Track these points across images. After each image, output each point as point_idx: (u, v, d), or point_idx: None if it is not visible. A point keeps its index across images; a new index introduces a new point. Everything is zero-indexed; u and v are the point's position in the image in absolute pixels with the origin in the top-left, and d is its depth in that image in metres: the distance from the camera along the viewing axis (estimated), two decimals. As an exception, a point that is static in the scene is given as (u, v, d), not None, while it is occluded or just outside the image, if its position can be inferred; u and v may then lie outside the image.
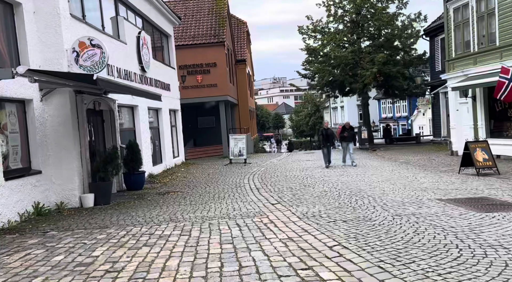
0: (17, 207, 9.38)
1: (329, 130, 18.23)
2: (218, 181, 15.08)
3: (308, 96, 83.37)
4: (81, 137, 11.22)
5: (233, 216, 8.88)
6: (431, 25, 27.56)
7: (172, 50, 22.86)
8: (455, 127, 18.99)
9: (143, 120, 16.75)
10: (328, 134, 17.87)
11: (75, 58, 10.91)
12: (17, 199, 9.43)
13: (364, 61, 27.62)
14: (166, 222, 8.72)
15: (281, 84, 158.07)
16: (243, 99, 32.87)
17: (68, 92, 10.94)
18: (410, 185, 11.38)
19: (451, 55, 19.06)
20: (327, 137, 17.69)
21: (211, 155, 28.00)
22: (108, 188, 11.44)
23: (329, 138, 17.76)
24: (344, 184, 12.23)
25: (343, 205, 9.12)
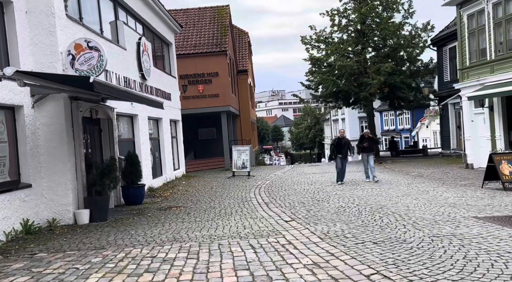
0: (3, 225, 8.42)
1: (344, 139, 15.52)
2: (222, 195, 14.14)
3: (307, 108, 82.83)
4: (76, 147, 10.30)
5: (245, 235, 7.93)
6: (438, 35, 26.88)
7: (173, 58, 22.07)
8: (470, 139, 18.12)
9: (143, 130, 15.85)
10: (342, 144, 15.24)
11: (70, 61, 10.05)
12: (3, 215, 8.47)
13: (370, 70, 26.86)
14: (169, 242, 7.77)
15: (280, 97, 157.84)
16: (244, 111, 32.05)
17: (63, 99, 10.05)
18: (434, 200, 10.45)
19: (465, 64, 18.28)
20: (340, 147, 15.21)
21: (212, 167, 27.06)
22: (105, 202, 10.48)
23: (343, 149, 15.17)
24: (361, 199, 11.30)
25: (368, 223, 8.18)
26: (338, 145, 15.32)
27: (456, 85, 18.97)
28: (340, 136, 15.74)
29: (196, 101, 25.51)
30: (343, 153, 15.17)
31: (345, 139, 15.53)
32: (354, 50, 29.35)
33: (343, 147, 15.19)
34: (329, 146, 16.22)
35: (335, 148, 15.38)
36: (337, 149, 15.27)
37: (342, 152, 15.15)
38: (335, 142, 15.65)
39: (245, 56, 33.56)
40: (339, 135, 15.89)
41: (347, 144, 15.38)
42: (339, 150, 15.20)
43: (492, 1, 16.27)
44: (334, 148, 15.47)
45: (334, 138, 16.30)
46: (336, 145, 15.39)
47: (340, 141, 15.43)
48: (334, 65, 28.63)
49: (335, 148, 15.39)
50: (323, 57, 28.99)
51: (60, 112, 10.04)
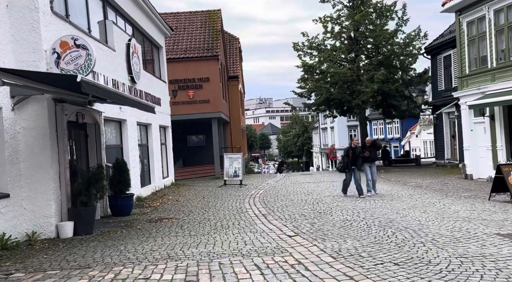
0: (-25, 240, 7.55)
1: (358, 148, 13.92)
2: (216, 205, 13.36)
3: (296, 117, 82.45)
4: (60, 154, 9.46)
5: (247, 252, 7.18)
6: (432, 43, 26.60)
7: (163, 62, 21.31)
8: (470, 149, 17.64)
9: (131, 136, 15.02)
10: (357, 154, 13.74)
11: (55, 60, 9.24)
12: (-23, 229, 7.61)
13: (364, 78, 26.39)
14: (163, 259, 6.98)
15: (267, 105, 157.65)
16: (235, 117, 31.33)
17: (46, 101, 9.23)
18: (444, 214, 9.82)
19: (464, 72, 17.85)
20: (355, 158, 13.71)
21: (202, 175, 26.23)
22: (91, 214, 9.65)
23: (358, 160, 13.74)
24: (366, 212, 10.62)
25: (381, 239, 7.50)
26: (353, 155, 13.76)
27: (455, 93, 18.53)
28: (353, 146, 14.01)
29: (186, 107, 24.71)
30: (357, 164, 13.74)
31: (358, 149, 13.91)
32: (347, 58, 28.90)
33: (358, 157, 13.73)
34: (342, 157, 14.16)
35: (350, 159, 13.74)
36: (351, 160, 13.73)
37: (357, 163, 13.73)
38: (349, 152, 13.89)
39: (236, 62, 32.92)
40: (352, 145, 14.11)
41: (360, 153, 13.86)
42: (354, 161, 13.73)
43: (493, 8, 15.89)
44: (348, 159, 13.78)
45: (346, 148, 14.36)
46: (352, 156, 13.75)
47: (354, 151, 13.82)
48: (327, 72, 28.10)
49: (349, 159, 13.76)
50: (316, 64, 28.45)
51: (43, 116, 9.21)
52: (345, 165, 13.92)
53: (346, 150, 14.20)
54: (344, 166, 14.00)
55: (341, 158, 14.21)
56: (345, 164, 13.87)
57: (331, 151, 45.73)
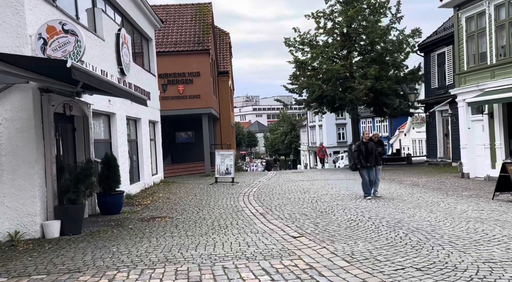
0: (-48, 241, 6.87)
1: (370, 143, 12.52)
2: (209, 203, 12.79)
3: (283, 114, 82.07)
4: (46, 148, 8.79)
5: (251, 255, 6.64)
6: (426, 41, 26.32)
7: (153, 55, 20.61)
8: (467, 147, 17.33)
9: (120, 131, 14.35)
10: (369, 149, 12.42)
11: (41, 46, 8.57)
12: (-47, 229, 6.92)
13: (357, 75, 26.00)
14: (161, 263, 6.41)
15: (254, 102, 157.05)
16: (225, 114, 30.69)
17: (31, 90, 8.55)
18: (453, 214, 9.40)
19: (462, 68, 17.52)
20: (368, 153, 12.42)
21: (191, 172, 25.58)
22: (80, 212, 9.00)
23: (370, 156, 12.39)
24: (370, 211, 10.15)
25: (395, 241, 7.01)
26: (366, 151, 12.40)
27: (453, 90, 18.20)
28: (365, 140, 12.62)
29: (175, 103, 23.99)
30: (371, 161, 12.40)
31: (371, 144, 12.51)
32: (339, 54, 28.50)
33: (371, 153, 12.39)
34: (353, 153, 12.58)
35: (362, 155, 12.42)
36: (365, 156, 12.42)
37: (370, 160, 12.39)
38: (361, 147, 12.50)
39: (226, 58, 32.29)
40: (364, 139, 12.71)
41: (373, 149, 12.48)
42: (367, 157, 12.39)
43: (494, 3, 15.56)
44: (360, 155, 12.43)
45: (358, 143, 12.87)
46: (365, 152, 12.40)
47: (366, 146, 12.45)
48: (320, 69, 27.66)
49: (362, 156, 12.42)
50: (308, 60, 27.98)
51: (28, 106, 8.53)
52: (358, 161, 12.47)
53: (358, 145, 12.78)
54: (356, 162, 12.52)
55: (353, 154, 12.62)
56: (358, 160, 12.46)
57: (320, 149, 45.35)
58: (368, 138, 12.68)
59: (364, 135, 13.03)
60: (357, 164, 12.53)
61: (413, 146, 42.78)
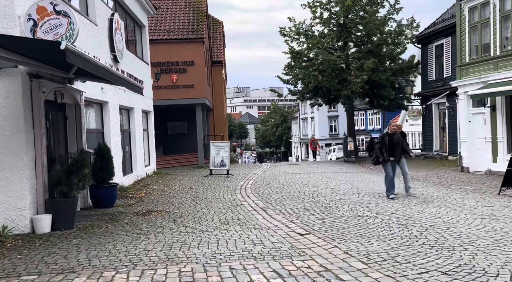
0: None
1: (396, 135, 11.27)
2: (206, 196, 12.32)
3: (275, 106, 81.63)
4: (36, 137, 8.24)
5: (259, 254, 6.21)
6: (423, 32, 25.94)
7: (146, 43, 19.95)
8: (467, 140, 17.04)
9: (113, 120, 13.78)
10: (395, 142, 11.18)
11: (31, 28, 7.99)
12: None
13: (353, 67, 25.57)
14: (162, 262, 5.95)
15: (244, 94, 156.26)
16: (218, 105, 30.12)
17: (20, 75, 7.97)
18: (463, 210, 9.05)
19: (464, 60, 17.18)
20: (393, 146, 11.15)
21: (184, 164, 25.05)
22: (72, 206, 8.48)
23: (396, 149, 11.16)
24: (375, 207, 9.77)
25: (411, 241, 6.61)
26: (390, 143, 11.16)
27: (453, 82, 17.86)
28: (390, 132, 11.30)
29: (168, 92, 23.38)
30: (396, 155, 11.18)
31: (397, 136, 11.29)
32: (335, 45, 28.03)
33: (396, 145, 11.16)
34: (375, 145, 11.47)
35: (386, 147, 11.15)
36: (389, 149, 11.14)
37: (395, 153, 11.17)
38: (385, 139, 11.24)
39: (219, 47, 31.65)
40: (389, 131, 11.38)
41: (399, 142, 11.25)
42: (392, 150, 11.15)
43: (499, -7, 15.20)
44: (383, 147, 11.16)
45: (381, 135, 11.67)
46: (389, 144, 11.14)
47: (391, 138, 11.20)
48: (316, 59, 27.19)
49: (385, 148, 11.14)
50: (304, 50, 27.48)
51: (17, 92, 7.96)
52: (380, 154, 11.18)
53: (381, 137, 11.49)
54: (378, 155, 11.24)
55: (375, 147, 11.43)
56: (381, 153, 11.16)
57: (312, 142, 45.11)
58: (394, 130, 11.36)
59: (390, 127, 11.49)
60: (379, 157, 11.26)
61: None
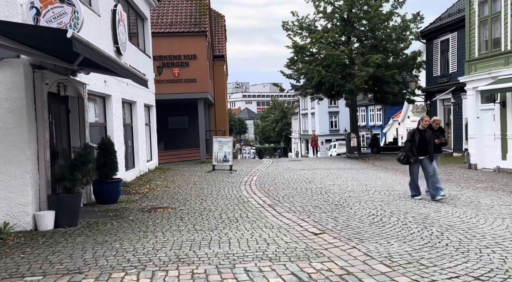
0: None
1: (428, 132, 10.14)
2: (211, 192, 12.03)
3: (275, 101, 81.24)
4: (39, 131, 7.93)
5: (274, 255, 5.92)
6: (428, 27, 25.60)
7: (148, 35, 19.58)
8: (475, 137, 16.75)
9: (116, 114, 13.45)
10: (427, 139, 10.05)
11: (34, 17, 7.66)
12: None
13: (358, 62, 25.22)
14: (173, 263, 5.65)
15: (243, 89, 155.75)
16: (220, 99, 29.78)
17: (23, 66, 7.65)
18: (480, 209, 8.78)
19: (473, 55, 16.87)
20: (425, 143, 10.02)
21: (186, 159, 24.74)
22: (76, 202, 8.18)
23: (428, 146, 10.02)
24: (388, 204, 9.49)
25: (431, 241, 6.33)
26: (422, 140, 10.00)
27: (461, 78, 17.56)
28: (422, 128, 10.12)
29: (170, 86, 23.03)
30: (430, 153, 10.01)
31: (429, 133, 10.14)
32: (338, 40, 27.70)
33: (429, 143, 10.03)
34: (404, 143, 10.39)
35: (417, 145, 10.00)
36: (420, 147, 10.00)
37: (429, 152, 10.01)
38: (415, 136, 10.09)
39: (221, 41, 31.27)
40: (420, 127, 10.15)
41: (431, 139, 10.11)
42: (424, 148, 10.01)
43: (511, -14, 14.87)
44: (413, 146, 10.04)
45: (411, 131, 10.43)
46: (419, 141, 10.00)
47: (423, 135, 10.06)
48: (319, 54, 26.85)
49: (416, 146, 10.01)
50: (307, 45, 27.13)
51: (19, 84, 7.64)
52: (410, 153, 10.05)
53: (411, 133, 10.30)
54: (408, 154, 10.08)
55: (405, 145, 10.33)
56: (411, 151, 10.03)
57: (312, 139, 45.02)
58: (427, 126, 10.19)
59: (423, 122, 10.21)
60: (410, 157, 10.05)
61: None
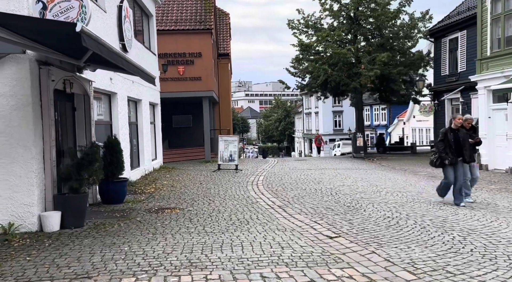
0: None
1: (461, 131, 9.26)
2: (218, 193, 11.79)
3: (278, 100, 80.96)
4: (45, 129, 7.69)
5: (290, 260, 5.67)
6: (437, 25, 25.28)
7: (153, 33, 19.34)
8: (486, 137, 16.46)
9: (122, 112, 13.23)
10: (461, 139, 9.19)
11: (40, 11, 7.43)
12: None
13: (365, 60, 24.92)
14: (185, 268, 5.41)
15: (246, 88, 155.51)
16: (224, 98, 29.52)
17: (28, 62, 7.41)
18: (500, 212, 8.51)
19: (484, 53, 16.58)
20: (459, 145, 9.14)
21: (190, 158, 24.50)
22: (82, 202, 7.95)
23: (463, 149, 9.14)
24: (402, 206, 9.23)
25: (454, 247, 6.07)
26: (456, 141, 9.10)
27: (472, 77, 17.26)
28: (455, 127, 9.21)
29: (174, 84, 22.79)
30: (465, 155, 9.15)
31: (462, 132, 9.25)
32: (345, 38, 27.40)
33: (463, 144, 9.15)
34: (437, 143, 9.52)
35: (450, 147, 9.09)
36: (454, 149, 9.07)
37: (464, 153, 9.14)
38: (448, 136, 9.15)
39: (226, 39, 31.00)
40: (453, 126, 9.24)
41: (467, 138, 9.27)
42: (459, 149, 9.11)
43: (524, -17, 14.59)
44: (447, 147, 9.11)
45: (444, 131, 9.34)
46: (454, 142, 9.09)
47: (457, 135, 9.16)
48: (325, 53, 26.57)
49: (450, 147, 9.08)
50: (313, 43, 26.84)
51: (25, 81, 7.40)
52: (445, 155, 9.08)
53: (444, 132, 9.27)
54: (443, 156, 9.10)
55: (437, 146, 9.43)
56: (445, 153, 9.09)
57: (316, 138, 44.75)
58: (460, 125, 9.35)
59: (456, 120, 9.28)
60: (445, 159, 9.07)
61: (413, 135, 42.06)
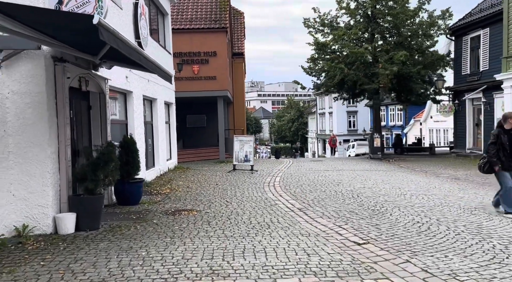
0: None
1: None
2: (235, 194, 11.47)
3: (291, 101, 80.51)
4: (60, 127, 7.44)
5: (318, 269, 5.31)
6: (457, 23, 24.70)
7: (168, 31, 19.10)
8: (511, 138, 15.90)
9: (137, 111, 12.99)
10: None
11: (56, 5, 7.16)
12: None
13: (382, 59, 24.41)
14: (207, 276, 5.09)
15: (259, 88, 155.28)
16: (238, 98, 29.22)
17: (44, 58, 7.16)
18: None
19: (511, 51, 16.02)
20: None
21: (204, 158, 24.24)
22: (98, 204, 7.67)
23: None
24: (430, 210, 8.81)
25: (497, 257, 5.65)
26: (510, 142, 8.18)
27: (498, 75, 16.72)
28: (508, 127, 8.23)
29: (189, 84, 22.54)
30: None
31: None
32: (362, 37, 26.89)
33: None
34: (488, 147, 8.39)
35: (504, 149, 8.16)
36: (509, 152, 8.15)
37: None
38: (502, 137, 8.18)
39: (240, 38, 30.71)
40: (506, 126, 8.27)
41: None
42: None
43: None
44: (499, 150, 8.17)
45: (496, 132, 8.31)
46: (510, 144, 8.16)
47: (511, 136, 8.20)
48: (341, 52, 26.10)
49: (503, 151, 8.16)
50: (329, 42, 26.39)
51: (40, 78, 7.15)
52: (496, 159, 8.14)
53: (495, 134, 8.26)
54: (493, 161, 8.17)
55: (488, 149, 8.37)
56: (497, 157, 8.14)
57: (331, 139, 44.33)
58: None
59: (510, 120, 8.26)
60: (495, 164, 8.15)
61: (430, 136, 41.32)
